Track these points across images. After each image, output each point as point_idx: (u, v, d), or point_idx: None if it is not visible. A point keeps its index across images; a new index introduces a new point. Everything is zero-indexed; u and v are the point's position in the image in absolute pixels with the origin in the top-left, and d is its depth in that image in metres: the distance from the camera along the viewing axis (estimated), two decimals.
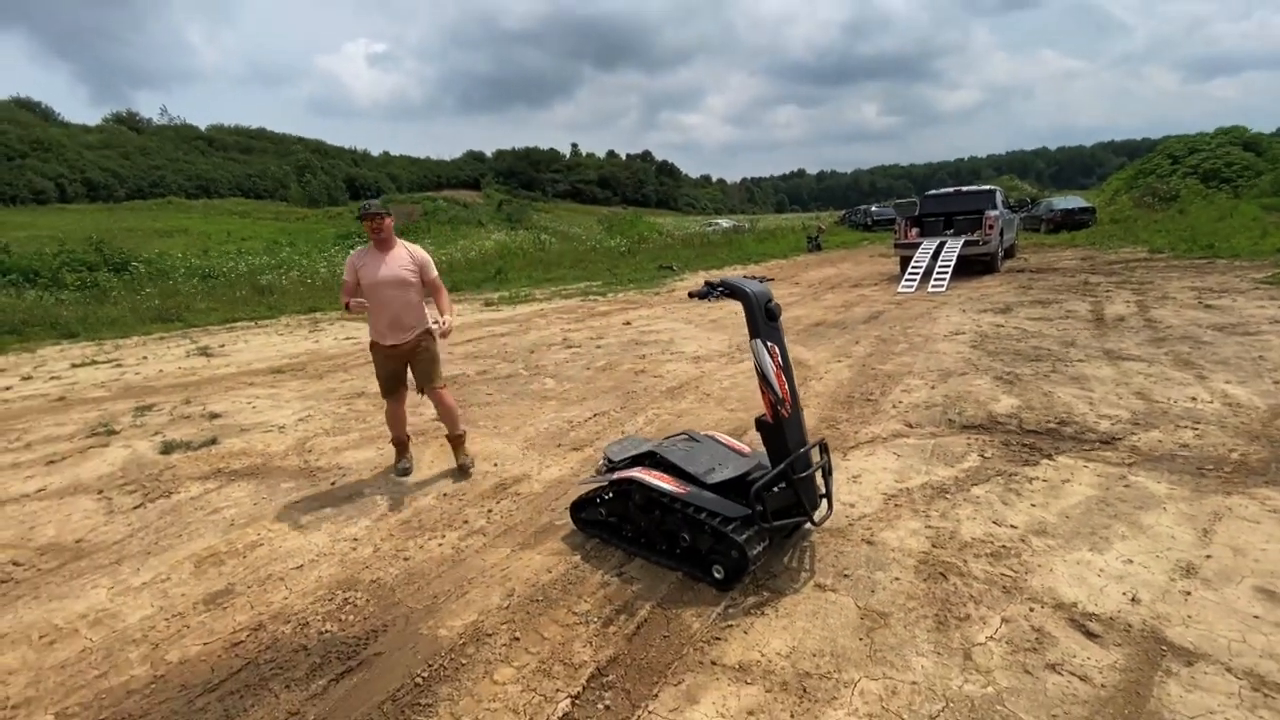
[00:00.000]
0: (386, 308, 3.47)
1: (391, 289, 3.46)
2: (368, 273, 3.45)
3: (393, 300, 3.47)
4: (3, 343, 9.76)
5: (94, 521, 3.39)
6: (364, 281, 3.45)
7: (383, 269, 3.45)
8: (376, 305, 3.46)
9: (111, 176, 62.94)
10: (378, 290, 3.44)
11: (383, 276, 3.44)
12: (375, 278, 3.43)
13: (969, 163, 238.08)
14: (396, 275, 3.47)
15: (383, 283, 3.44)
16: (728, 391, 5.13)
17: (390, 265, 3.48)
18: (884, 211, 31.59)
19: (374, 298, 3.44)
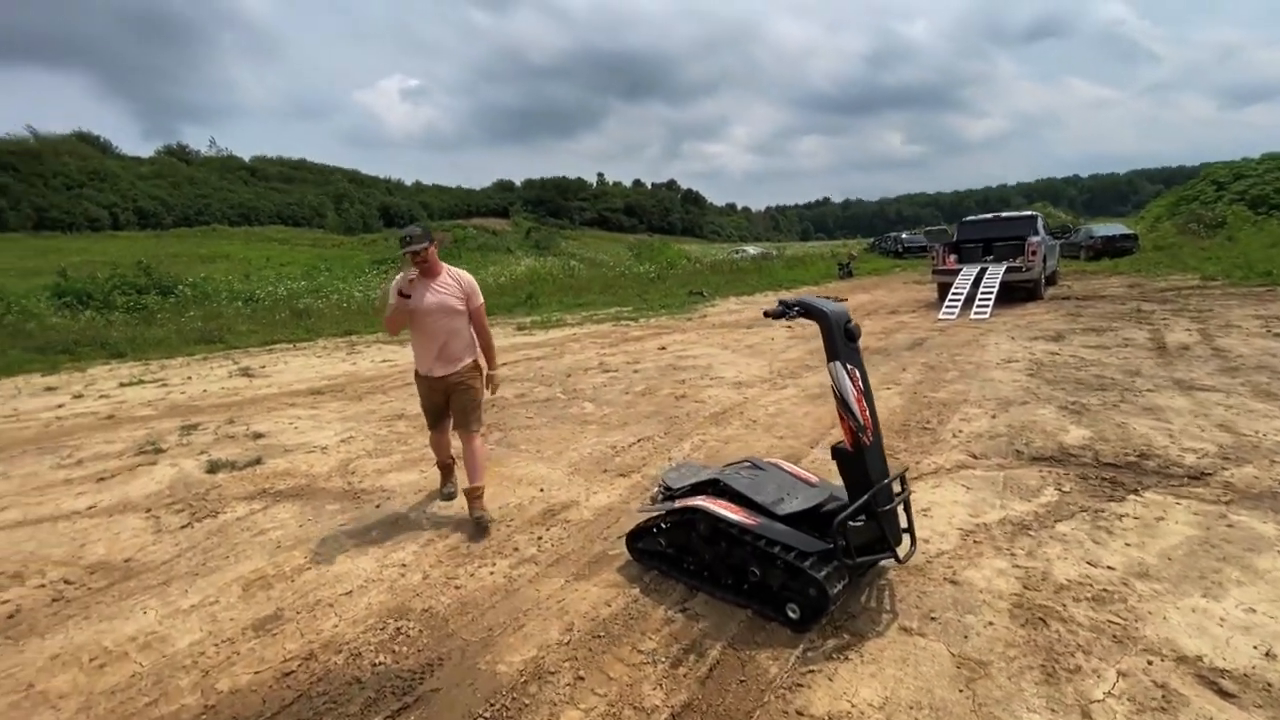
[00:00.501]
0: (432, 337, 3.28)
1: (438, 317, 3.27)
2: (414, 299, 3.25)
3: (439, 329, 3.28)
4: (56, 361, 10.07)
5: (142, 540, 3.36)
6: (412, 307, 3.27)
7: (429, 295, 3.25)
8: (422, 334, 3.30)
9: (160, 205, 65.75)
10: (424, 318, 3.26)
11: (429, 304, 3.24)
12: (421, 304, 3.24)
13: (998, 190, 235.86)
14: (443, 303, 3.27)
15: (429, 310, 3.25)
16: (774, 418, 4.97)
17: (437, 292, 3.27)
18: (915, 239, 31.24)
19: (419, 326, 3.28)
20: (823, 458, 3.98)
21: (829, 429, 4.58)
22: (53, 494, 4.13)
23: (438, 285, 3.29)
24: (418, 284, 3.25)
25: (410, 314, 3.26)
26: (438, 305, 3.26)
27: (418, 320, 3.28)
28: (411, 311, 3.25)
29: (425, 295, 3.25)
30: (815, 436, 4.43)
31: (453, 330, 3.31)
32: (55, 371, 9.41)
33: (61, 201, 57.36)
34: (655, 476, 3.81)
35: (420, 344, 3.33)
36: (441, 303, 3.27)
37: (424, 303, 3.24)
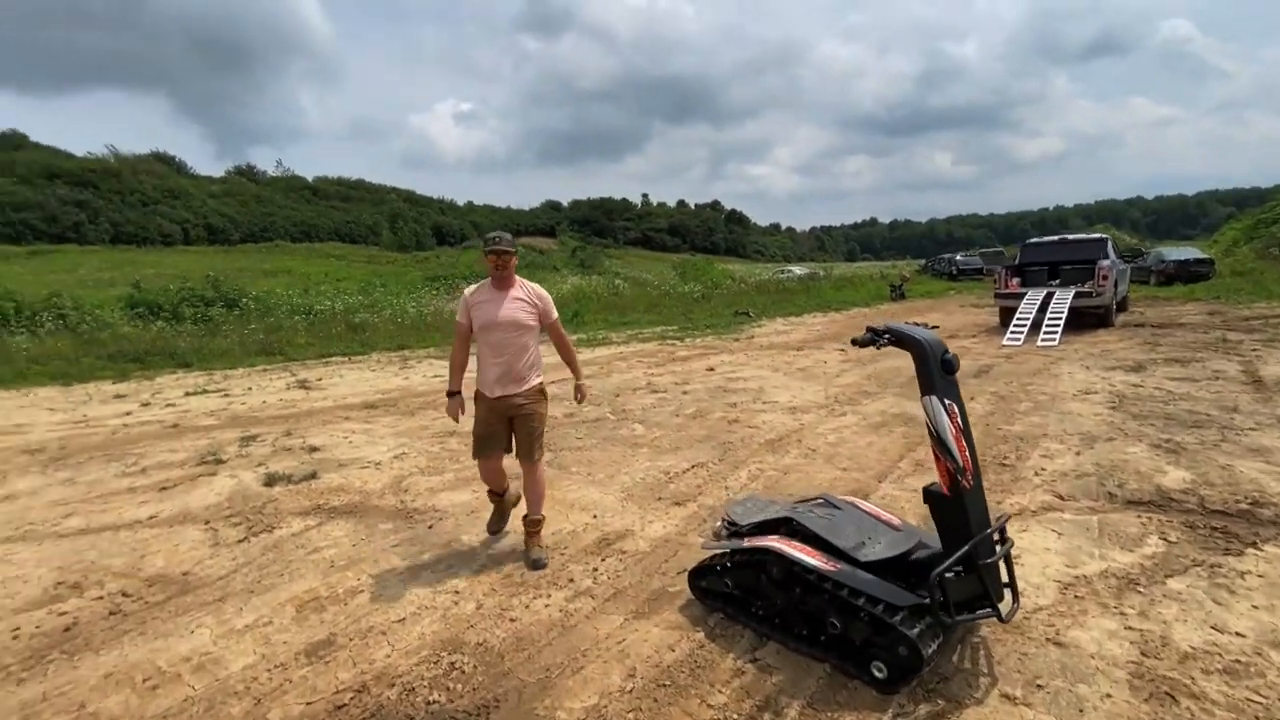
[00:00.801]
0: (500, 353, 3.06)
1: (508, 332, 3.06)
2: (484, 312, 3.06)
3: (507, 345, 3.06)
4: (127, 370, 10.55)
5: (200, 554, 3.37)
6: (479, 323, 3.08)
7: (502, 309, 3.06)
8: (488, 349, 3.09)
9: (229, 222, 69.41)
10: (493, 333, 3.05)
11: (501, 317, 3.05)
12: (493, 318, 3.04)
13: (1055, 212, 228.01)
14: (514, 317, 3.07)
15: (500, 324, 3.04)
16: (834, 448, 4.73)
17: (509, 305, 3.08)
18: (970, 261, 30.27)
19: (487, 341, 3.07)
20: (893, 494, 3.74)
21: (895, 462, 4.32)
22: (116, 502, 4.22)
23: (510, 298, 3.10)
24: (490, 295, 3.10)
25: (478, 328, 3.08)
26: (509, 319, 3.06)
27: (485, 335, 3.08)
28: (480, 325, 3.07)
29: (497, 309, 3.06)
30: (882, 470, 4.17)
31: (521, 347, 3.10)
32: (125, 379, 9.85)
33: (137, 217, 61.14)
34: (713, 507, 3.65)
35: (485, 360, 3.13)
36: (513, 317, 3.07)
37: (495, 316, 3.05)
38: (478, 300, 3.11)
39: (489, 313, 3.07)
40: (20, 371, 10.06)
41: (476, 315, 3.09)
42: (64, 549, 3.50)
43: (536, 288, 3.23)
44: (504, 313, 3.07)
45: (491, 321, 3.06)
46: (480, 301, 3.11)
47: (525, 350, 3.12)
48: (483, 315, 3.07)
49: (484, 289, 3.15)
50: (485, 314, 3.07)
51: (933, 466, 4.16)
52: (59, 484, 4.69)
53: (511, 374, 3.09)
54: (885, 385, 6.96)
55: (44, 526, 3.86)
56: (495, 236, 3.09)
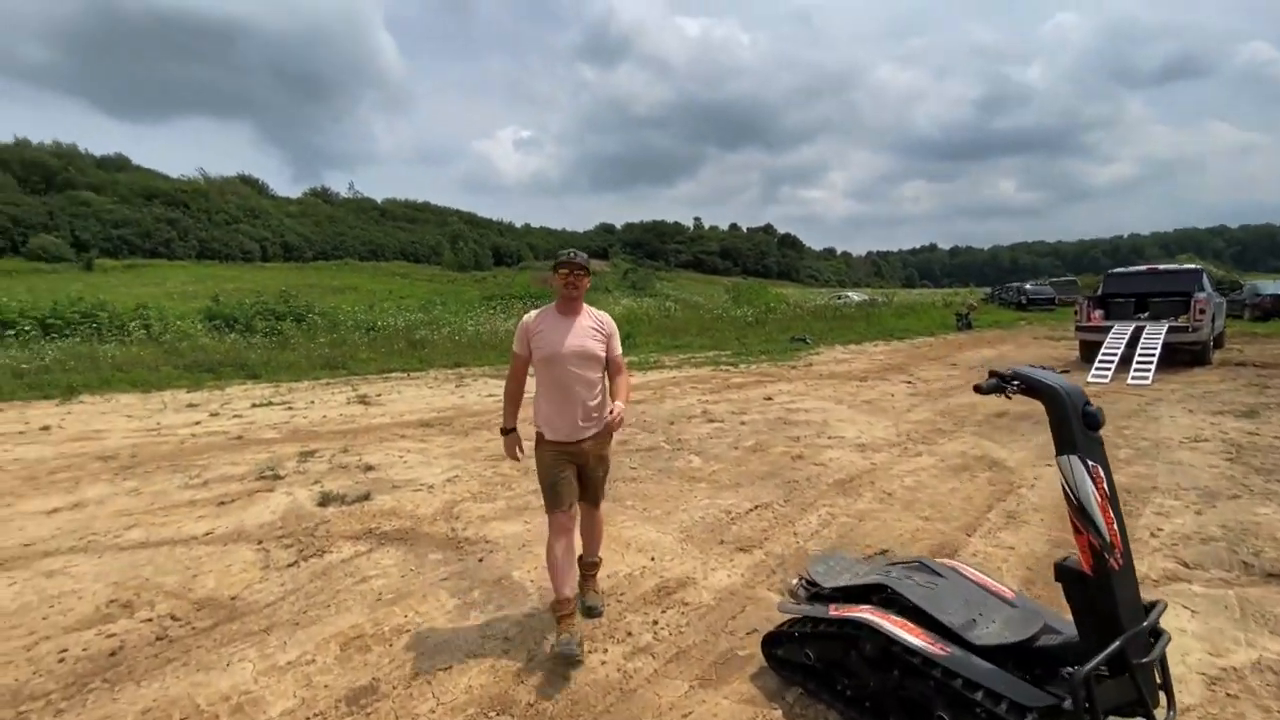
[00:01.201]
0: (566, 390, 2.61)
1: (577, 365, 2.61)
2: (547, 341, 2.62)
3: (575, 380, 2.61)
4: (200, 379, 11.01)
5: (251, 576, 3.30)
6: (540, 353, 2.62)
7: (569, 338, 2.62)
8: (552, 386, 2.63)
9: (303, 240, 73.43)
10: (557, 366, 2.60)
11: (569, 348, 2.61)
12: (558, 349, 2.61)
13: (1129, 240, 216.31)
14: (584, 346, 2.63)
15: (567, 356, 2.60)
16: (913, 493, 4.35)
17: (578, 333, 2.64)
18: (1041, 290, 28.81)
19: (551, 376, 2.62)
20: (986, 550, 3.35)
21: (984, 512, 3.91)
22: (176, 515, 4.25)
23: (577, 325, 2.67)
24: (554, 322, 2.67)
25: (540, 361, 2.65)
26: (578, 350, 2.62)
27: (549, 368, 2.62)
28: (543, 357, 2.63)
29: (563, 337, 2.62)
30: (969, 521, 3.78)
31: (590, 382, 2.66)
32: (199, 388, 10.27)
33: (221, 235, 65.41)
34: (782, 557, 3.35)
35: (553, 400, 2.64)
36: (582, 346, 2.63)
37: (561, 346, 2.61)
38: (540, 328, 2.66)
39: (553, 342, 2.62)
40: (105, 378, 10.63)
41: (538, 345, 2.64)
42: (122, 563, 3.51)
43: (603, 315, 2.80)
44: (572, 342, 2.62)
45: (556, 353, 2.60)
46: (543, 329, 2.65)
47: (594, 386, 2.67)
48: (546, 345, 2.62)
49: (547, 314, 2.71)
50: (549, 343, 2.62)
51: (1029, 520, 3.76)
52: (125, 493, 4.78)
53: (580, 414, 2.63)
54: (961, 423, 6.48)
55: (106, 538, 3.90)
56: (569, 251, 2.69)
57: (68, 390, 9.77)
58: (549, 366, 2.63)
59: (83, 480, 5.18)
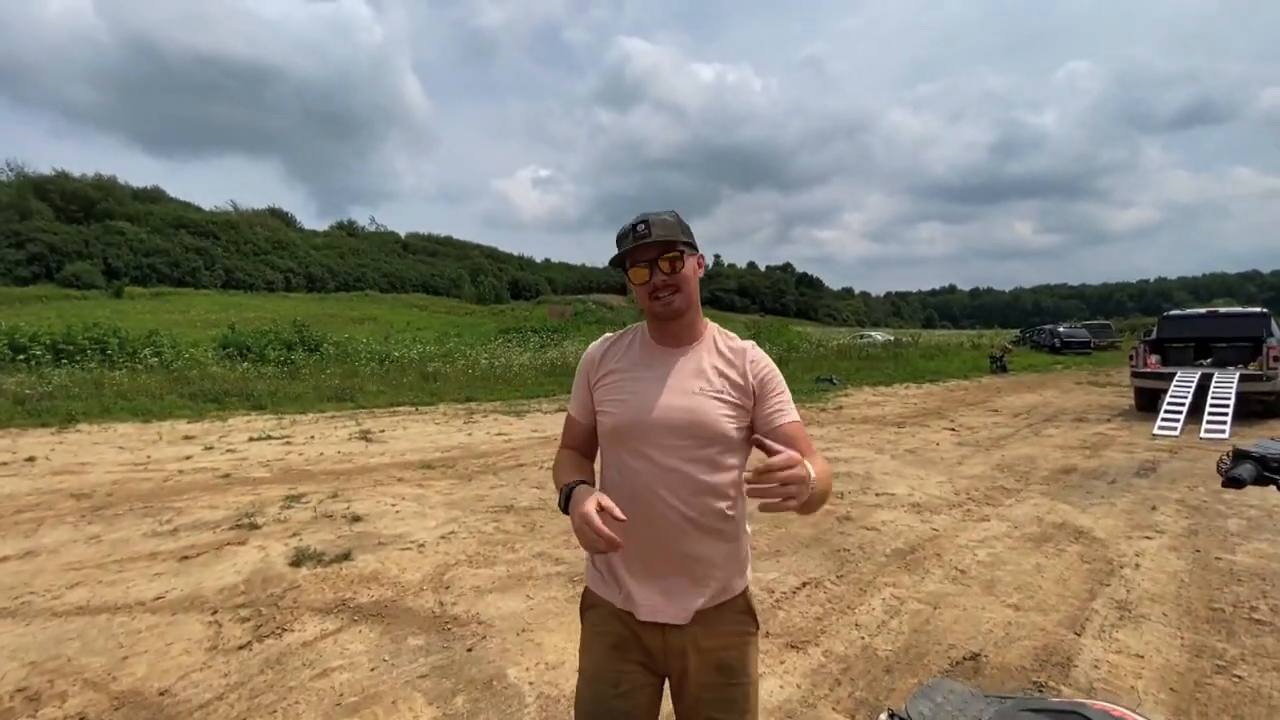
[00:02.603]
0: (647, 501, 1.23)
1: (674, 447, 1.23)
2: (624, 397, 1.29)
3: (665, 479, 1.23)
4: (204, 409, 10.60)
5: (191, 660, 2.70)
6: (611, 422, 1.29)
7: (663, 393, 1.26)
8: (627, 490, 1.25)
9: (326, 272, 74.67)
10: (640, 446, 1.25)
11: (659, 412, 1.24)
12: (644, 414, 1.25)
13: (1155, 284, 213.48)
14: (690, 411, 1.24)
15: (655, 427, 1.24)
16: (990, 570, 3.64)
17: (681, 382, 1.27)
18: (1075, 333, 27.85)
19: (620, 465, 1.29)
20: (1110, 660, 2.63)
21: (1086, 601, 3.19)
22: (130, 571, 3.69)
23: (687, 368, 1.29)
24: (640, 358, 1.33)
25: (608, 434, 1.31)
26: (681, 417, 1.24)
27: (622, 449, 1.28)
28: (613, 428, 1.29)
29: (655, 390, 1.27)
30: (1071, 613, 3.06)
31: (707, 488, 1.23)
32: (201, 419, 9.84)
33: (247, 265, 66.75)
34: (845, 658, 2.67)
35: (623, 521, 1.12)
36: (689, 414, 1.24)
37: (650, 409, 1.25)
38: (613, 370, 1.33)
39: (637, 401, 1.26)
40: (107, 406, 10.26)
41: (609, 404, 1.30)
42: (49, 635, 2.93)
43: (748, 346, 1.34)
44: (669, 402, 1.25)
45: (635, 422, 1.25)
46: (618, 373, 1.32)
47: (713, 495, 1.24)
48: (618, 405, 1.28)
49: (628, 344, 1.36)
50: (628, 403, 1.27)
51: (1148, 615, 3.04)
52: (85, 540, 4.25)
53: (675, 558, 1.25)
54: (1025, 480, 5.75)
55: (44, 598, 3.34)
56: (641, 222, 1.24)
57: (66, 418, 9.40)
58: (619, 445, 1.27)
59: (46, 522, 4.67)
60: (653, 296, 1.25)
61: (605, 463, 1.34)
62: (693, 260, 1.28)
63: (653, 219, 1.23)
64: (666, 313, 1.26)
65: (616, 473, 1.29)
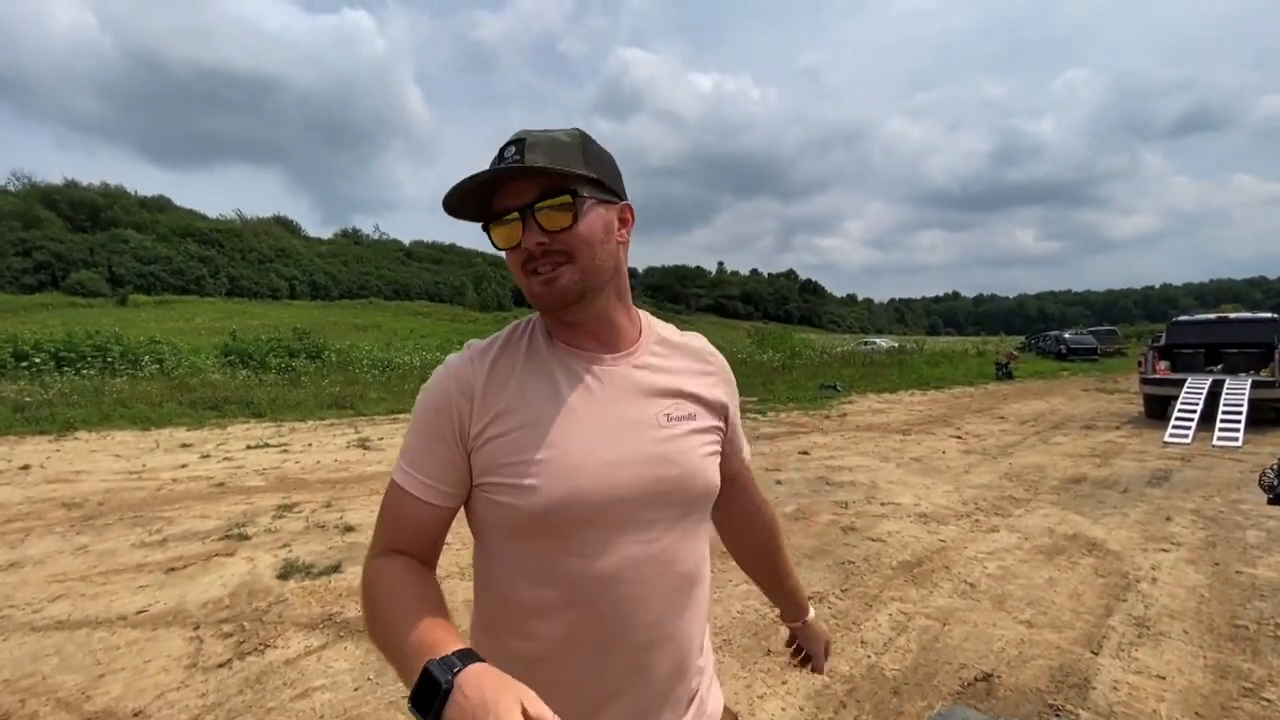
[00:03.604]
0: (618, 634, 0.75)
1: (653, 525, 0.77)
2: (552, 454, 0.73)
3: (652, 589, 0.76)
4: (203, 417, 10.53)
5: (169, 679, 2.60)
6: (530, 502, 0.72)
7: (616, 433, 0.76)
8: (579, 627, 0.75)
9: (330, 280, 74.93)
10: (591, 542, 0.74)
11: (626, 469, 0.75)
12: (596, 477, 0.74)
13: (1161, 290, 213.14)
14: (675, 456, 0.78)
15: (623, 496, 0.74)
16: (1000, 583, 3.51)
17: (637, 404, 0.79)
18: (1081, 340, 27.62)
19: (566, 582, 0.74)
20: (1129, 681, 2.50)
21: (1102, 617, 3.06)
22: (115, 584, 3.59)
23: (632, 384, 0.80)
24: (547, 371, 0.79)
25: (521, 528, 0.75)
26: (659, 476, 0.77)
27: (555, 554, 0.74)
28: (532, 518, 0.73)
29: (595, 433, 0.76)
30: (1087, 631, 2.93)
31: (693, 581, 0.82)
32: (200, 426, 9.77)
33: (252, 273, 67.04)
34: (850, 679, 2.55)
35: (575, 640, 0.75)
36: (669, 463, 0.78)
37: (603, 473, 0.74)
38: (509, 407, 0.76)
39: (572, 455, 0.74)
40: (106, 414, 10.21)
41: (518, 469, 0.73)
42: (26, 651, 2.84)
43: (705, 342, 0.94)
44: (632, 450, 0.76)
45: (589, 493, 0.73)
46: (522, 412, 0.76)
47: (699, 589, 0.83)
48: (549, 471, 0.73)
49: (527, 357, 0.80)
50: (554, 464, 0.73)
51: (1168, 632, 2.90)
52: (71, 552, 4.15)
53: (653, 670, 0.78)
54: (1034, 489, 5.61)
55: (24, 612, 3.24)
56: (514, 141, 0.74)
57: (65, 426, 9.34)
58: (546, 540, 0.74)
59: (34, 532, 4.58)
60: (530, 270, 0.75)
61: (504, 571, 0.77)
62: (600, 210, 0.76)
63: (533, 137, 0.73)
64: (550, 299, 0.75)
65: (538, 586, 0.75)
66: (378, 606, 0.71)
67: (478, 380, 0.77)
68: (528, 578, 0.76)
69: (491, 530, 0.79)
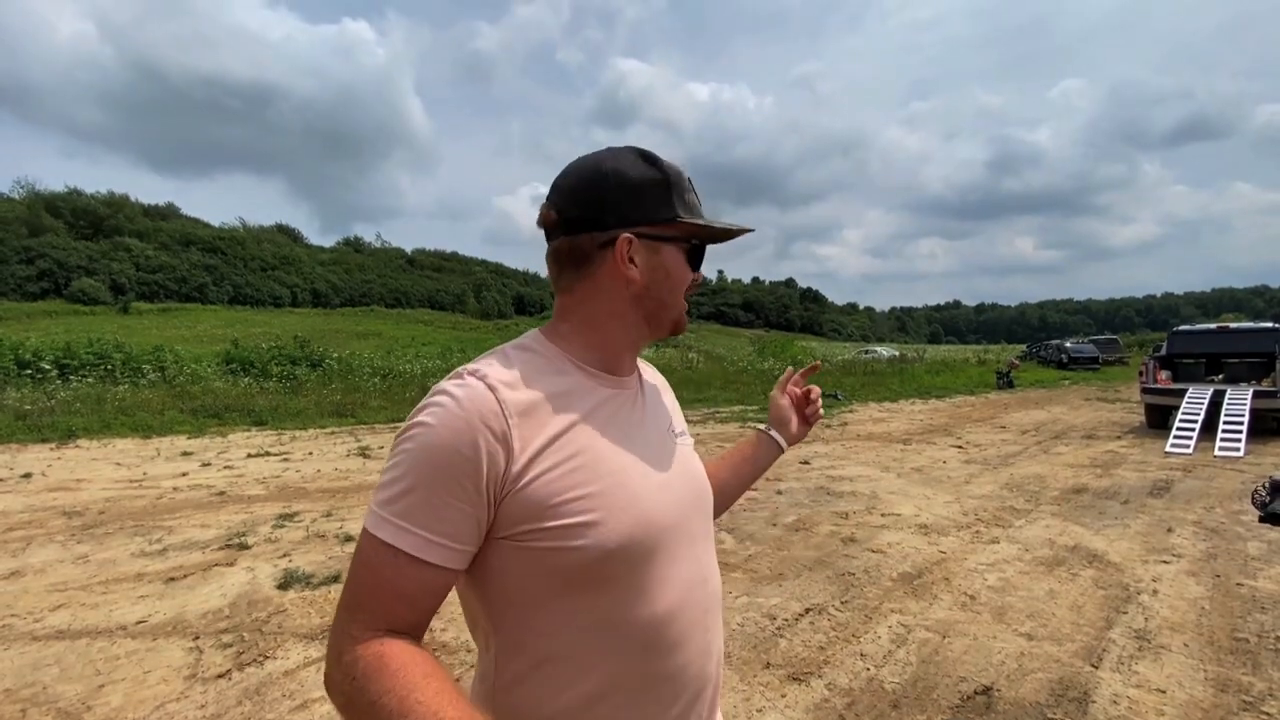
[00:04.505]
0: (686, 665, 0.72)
1: (702, 542, 0.79)
2: (611, 484, 0.68)
3: (708, 609, 0.77)
4: (204, 425, 10.55)
5: (168, 690, 2.60)
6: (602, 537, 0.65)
7: (659, 455, 0.77)
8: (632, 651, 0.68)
9: (331, 288, 75.14)
10: (659, 568, 0.70)
11: (679, 489, 0.76)
12: (663, 501, 0.72)
13: (1163, 299, 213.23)
14: (700, 471, 0.85)
15: (684, 515, 0.76)
16: (1000, 595, 3.51)
17: (660, 425, 0.82)
18: (1082, 349, 27.65)
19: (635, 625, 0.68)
20: (1130, 695, 2.50)
21: (1103, 630, 3.06)
22: (115, 593, 3.59)
23: (650, 407, 0.83)
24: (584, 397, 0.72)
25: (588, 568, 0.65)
26: (701, 490, 0.83)
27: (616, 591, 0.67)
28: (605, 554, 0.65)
29: (647, 456, 0.74)
30: (1088, 643, 2.93)
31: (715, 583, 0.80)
32: (201, 434, 9.79)
33: (255, 280, 67.26)
34: (849, 691, 2.54)
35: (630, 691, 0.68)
36: (701, 478, 0.84)
37: (666, 496, 0.73)
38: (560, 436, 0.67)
39: (634, 482, 0.70)
40: (107, 422, 10.23)
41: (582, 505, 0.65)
42: (26, 660, 2.84)
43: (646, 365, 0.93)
44: (678, 472, 0.79)
45: (660, 516, 0.71)
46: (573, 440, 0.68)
47: (719, 607, 0.81)
48: (613, 501, 0.67)
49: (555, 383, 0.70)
50: (616, 494, 0.67)
51: (1168, 645, 2.90)
52: (72, 561, 4.16)
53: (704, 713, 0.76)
54: (1035, 500, 5.60)
55: (24, 621, 3.25)
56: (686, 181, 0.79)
57: (66, 434, 9.36)
58: (612, 576, 0.67)
59: (35, 541, 4.59)
60: (687, 297, 0.81)
61: (549, 628, 0.66)
62: None
63: None
64: (684, 326, 0.83)
65: (598, 636, 0.67)
66: (382, 696, 0.55)
67: (509, 413, 0.64)
68: (581, 634, 0.66)
69: (533, 589, 0.66)
